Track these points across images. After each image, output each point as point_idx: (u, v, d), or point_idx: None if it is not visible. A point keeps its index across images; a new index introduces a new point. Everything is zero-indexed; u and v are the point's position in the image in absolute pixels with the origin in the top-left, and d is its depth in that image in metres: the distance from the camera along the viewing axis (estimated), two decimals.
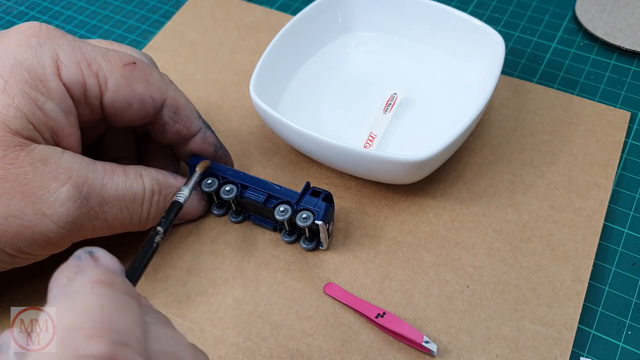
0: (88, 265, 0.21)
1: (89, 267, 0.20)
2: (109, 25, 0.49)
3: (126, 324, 0.18)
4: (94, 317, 0.18)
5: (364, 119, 0.38)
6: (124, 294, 0.20)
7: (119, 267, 0.22)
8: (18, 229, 0.26)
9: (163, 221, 0.28)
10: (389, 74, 0.41)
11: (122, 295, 0.19)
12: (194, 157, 0.34)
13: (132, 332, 0.18)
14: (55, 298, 0.20)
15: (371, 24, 0.42)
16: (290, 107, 0.38)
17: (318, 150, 0.33)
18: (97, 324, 0.18)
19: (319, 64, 0.41)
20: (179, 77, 0.43)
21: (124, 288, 0.20)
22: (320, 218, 0.31)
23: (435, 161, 0.33)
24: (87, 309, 0.18)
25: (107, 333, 0.18)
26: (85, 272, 0.20)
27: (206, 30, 0.46)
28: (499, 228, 0.34)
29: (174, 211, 0.29)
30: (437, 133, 0.37)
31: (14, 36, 0.28)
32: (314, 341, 0.30)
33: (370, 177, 0.34)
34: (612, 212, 0.35)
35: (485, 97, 0.34)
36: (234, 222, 0.35)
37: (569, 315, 0.30)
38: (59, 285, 0.20)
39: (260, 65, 0.36)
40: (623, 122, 0.39)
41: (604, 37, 0.44)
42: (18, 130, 0.26)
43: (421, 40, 0.41)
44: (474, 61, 0.39)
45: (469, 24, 0.39)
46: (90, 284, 0.19)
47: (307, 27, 0.40)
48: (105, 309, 0.18)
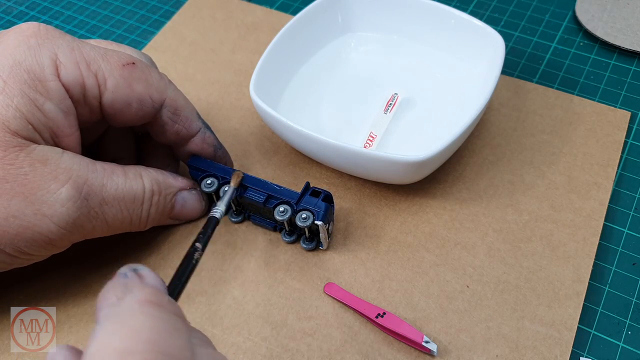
0: (135, 283, 0.21)
1: (137, 285, 0.20)
2: (109, 25, 0.49)
3: (176, 346, 0.18)
4: (145, 339, 0.18)
5: (364, 119, 0.38)
6: (172, 314, 0.20)
7: (164, 286, 0.22)
8: (18, 229, 0.26)
9: (201, 237, 0.28)
10: (388, 74, 0.41)
11: (171, 316, 0.19)
12: (193, 157, 0.34)
13: (182, 354, 0.18)
14: (105, 318, 0.19)
15: (371, 24, 0.42)
16: (290, 107, 0.38)
17: (318, 150, 0.33)
18: (149, 346, 0.18)
19: (319, 64, 0.41)
20: (178, 77, 0.43)
21: (172, 308, 0.20)
22: (320, 218, 0.31)
23: (435, 161, 0.33)
24: (137, 330, 0.18)
25: (159, 356, 0.18)
26: (134, 291, 0.20)
27: (206, 30, 0.46)
28: (499, 228, 0.34)
29: (211, 227, 0.29)
30: (437, 133, 0.37)
31: (12, 36, 0.28)
32: (314, 341, 0.30)
33: (370, 177, 0.34)
34: (612, 212, 0.35)
35: (485, 97, 0.34)
36: (234, 222, 0.35)
37: (569, 315, 0.30)
38: (108, 304, 0.20)
39: (260, 65, 0.36)
40: (623, 122, 0.39)
41: (604, 37, 0.44)
42: (17, 130, 0.26)
43: (421, 40, 0.41)
44: (474, 61, 0.39)
45: (469, 24, 0.39)
46: (139, 303, 0.19)
47: (307, 27, 0.40)
48: (156, 330, 0.18)
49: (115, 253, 0.34)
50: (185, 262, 0.26)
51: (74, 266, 0.33)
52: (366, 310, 0.30)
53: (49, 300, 0.32)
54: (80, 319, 0.31)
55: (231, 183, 0.32)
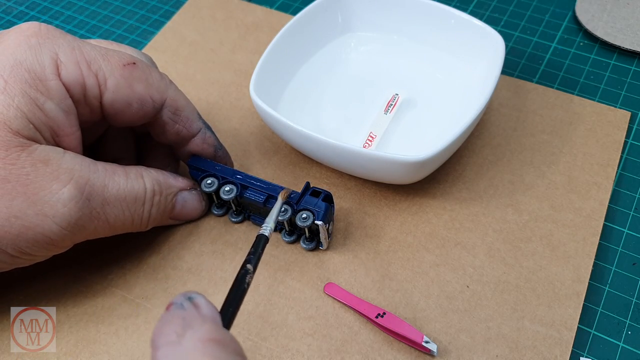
0: (195, 317, 0.20)
1: (197, 320, 0.20)
2: (109, 25, 0.49)
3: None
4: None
5: (364, 119, 0.38)
6: (236, 355, 0.19)
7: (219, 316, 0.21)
8: (20, 229, 0.26)
9: (252, 257, 0.26)
10: (388, 74, 0.41)
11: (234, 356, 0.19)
12: (193, 157, 0.34)
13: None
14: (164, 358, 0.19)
15: (371, 24, 0.42)
16: (290, 107, 0.38)
17: (318, 150, 0.33)
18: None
19: (318, 64, 0.41)
20: (179, 77, 0.43)
21: (234, 347, 0.19)
22: (320, 218, 0.31)
23: (435, 161, 0.33)
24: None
25: None
26: (195, 328, 0.19)
27: (206, 30, 0.46)
28: (499, 228, 0.34)
29: (261, 246, 0.28)
30: (437, 133, 0.37)
31: (13, 36, 0.28)
32: (314, 341, 0.30)
33: (370, 177, 0.34)
34: (612, 212, 0.35)
35: (485, 97, 0.34)
36: (234, 222, 0.35)
37: (569, 315, 0.30)
38: (168, 342, 0.19)
39: (260, 65, 0.36)
40: (623, 121, 0.39)
41: (604, 37, 0.44)
42: (19, 130, 0.26)
43: (421, 40, 0.41)
44: (474, 61, 0.39)
45: (469, 24, 0.39)
46: (202, 343, 0.18)
47: (307, 27, 0.40)
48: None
49: (115, 253, 0.34)
50: (236, 286, 0.25)
51: (75, 266, 0.33)
52: (366, 310, 0.30)
53: (49, 300, 0.32)
54: (80, 319, 0.31)
55: (279, 197, 0.31)
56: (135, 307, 0.31)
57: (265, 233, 0.28)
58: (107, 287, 0.32)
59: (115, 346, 0.30)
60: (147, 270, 0.33)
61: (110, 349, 0.30)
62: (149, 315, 0.31)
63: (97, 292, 0.32)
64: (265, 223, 0.29)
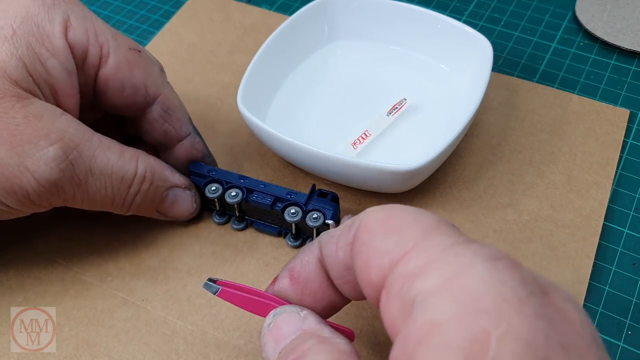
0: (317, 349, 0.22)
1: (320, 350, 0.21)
2: (109, 24, 0.48)
3: None
4: None
5: (352, 128, 0.37)
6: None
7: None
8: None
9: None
10: (377, 82, 0.41)
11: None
12: (193, 163, 0.34)
13: None
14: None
15: (358, 32, 0.42)
16: (278, 117, 0.38)
17: (305, 160, 0.33)
18: None
19: (305, 73, 0.41)
20: (177, 79, 0.43)
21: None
22: (331, 217, 0.31)
23: (426, 170, 0.32)
24: None
25: None
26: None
27: (204, 32, 0.46)
28: (499, 228, 0.34)
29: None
30: (428, 141, 0.36)
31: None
32: None
33: (360, 186, 0.34)
34: (612, 212, 0.35)
35: (475, 103, 0.33)
36: (236, 229, 0.34)
37: None
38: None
39: (246, 76, 0.36)
40: (622, 120, 0.39)
41: (604, 37, 0.44)
42: (17, 80, 0.26)
43: (409, 47, 0.41)
44: (462, 67, 0.39)
45: (455, 29, 0.38)
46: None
47: (293, 36, 0.40)
48: None
49: (115, 254, 0.34)
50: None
51: (74, 267, 0.33)
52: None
53: (49, 301, 0.32)
54: (80, 321, 0.31)
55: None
56: (135, 310, 0.31)
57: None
58: (107, 289, 0.32)
59: (116, 349, 0.30)
60: (147, 273, 0.33)
61: (111, 352, 0.30)
62: (149, 317, 0.31)
63: (97, 293, 0.32)
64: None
